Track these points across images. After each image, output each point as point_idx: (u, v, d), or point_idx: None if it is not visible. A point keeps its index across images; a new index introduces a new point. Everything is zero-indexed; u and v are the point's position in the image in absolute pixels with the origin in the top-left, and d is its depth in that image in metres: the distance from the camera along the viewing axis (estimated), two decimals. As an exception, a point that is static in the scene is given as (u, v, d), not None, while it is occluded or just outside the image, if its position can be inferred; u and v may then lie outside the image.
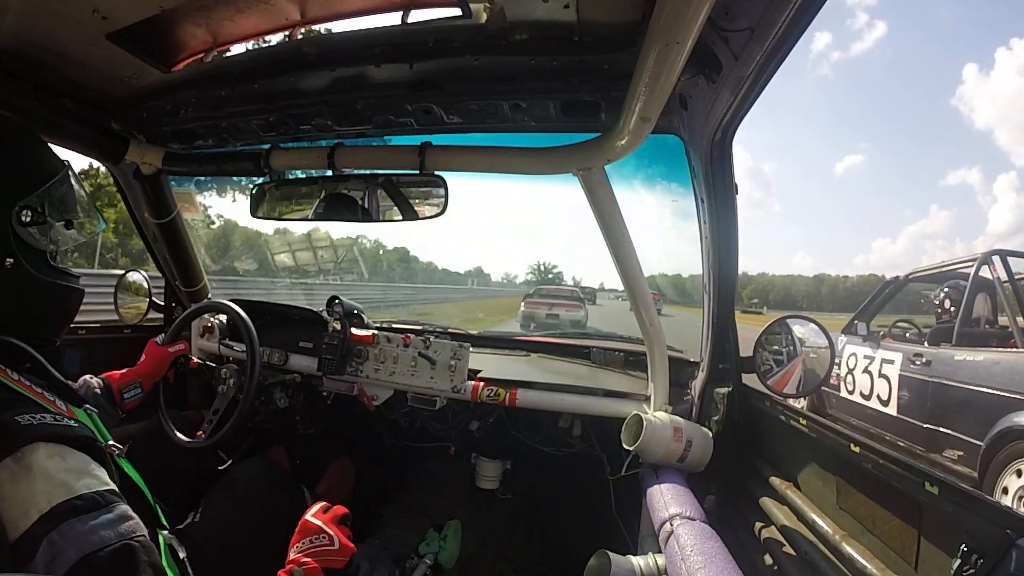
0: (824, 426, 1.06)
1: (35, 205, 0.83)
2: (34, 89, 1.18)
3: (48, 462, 0.64)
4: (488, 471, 1.98)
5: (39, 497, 0.62)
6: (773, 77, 0.85)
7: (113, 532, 0.64)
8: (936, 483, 0.74)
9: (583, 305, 11.18)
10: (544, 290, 12.68)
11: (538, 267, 50.04)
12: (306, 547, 0.93)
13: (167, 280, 2.00)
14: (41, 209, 0.84)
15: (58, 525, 0.61)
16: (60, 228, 0.88)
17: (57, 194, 0.87)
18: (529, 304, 11.29)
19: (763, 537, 1.15)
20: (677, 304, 7.37)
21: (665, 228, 1.99)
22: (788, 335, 1.40)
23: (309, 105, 1.26)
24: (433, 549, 1.76)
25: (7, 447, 0.63)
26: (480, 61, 1.04)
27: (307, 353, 1.77)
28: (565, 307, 10.81)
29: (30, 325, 0.85)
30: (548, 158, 1.14)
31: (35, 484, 0.62)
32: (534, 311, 10.93)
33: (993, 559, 0.62)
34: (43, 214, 0.84)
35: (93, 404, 1.09)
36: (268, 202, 1.45)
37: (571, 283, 42.91)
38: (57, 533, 0.60)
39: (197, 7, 0.98)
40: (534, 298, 11.75)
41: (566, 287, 13.89)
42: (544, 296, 11.76)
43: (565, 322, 10.21)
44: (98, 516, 0.64)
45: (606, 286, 29.63)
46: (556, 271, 48.33)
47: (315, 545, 0.93)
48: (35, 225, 0.83)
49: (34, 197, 0.83)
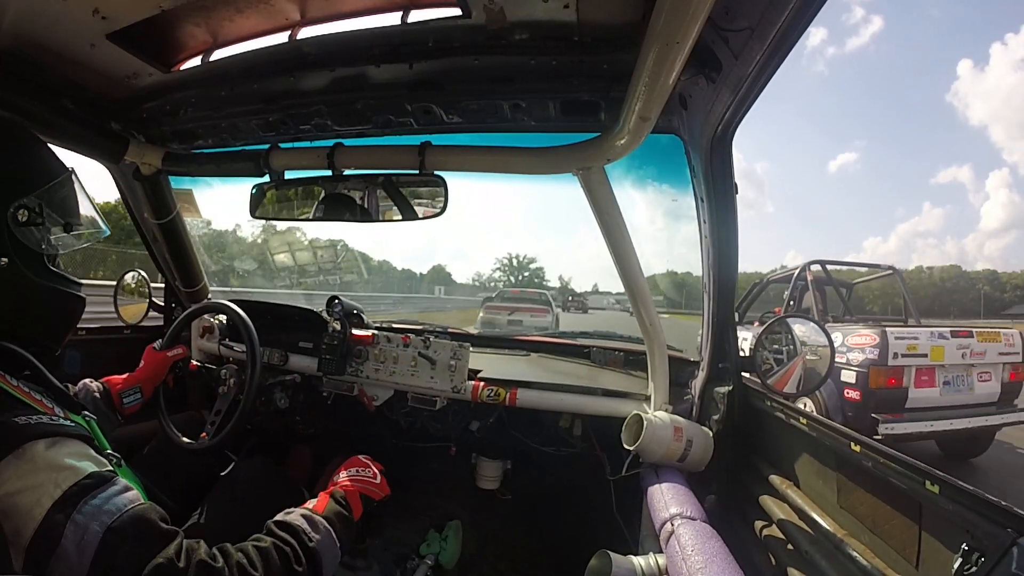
0: (824, 425, 1.06)
1: (32, 206, 0.82)
2: (34, 89, 1.18)
3: (49, 452, 0.66)
4: (488, 471, 1.98)
5: (48, 485, 0.64)
6: (773, 77, 0.85)
7: (125, 500, 0.68)
8: (937, 482, 0.74)
9: (550, 309, 10.36)
10: (508, 293, 11.76)
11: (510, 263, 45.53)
12: (353, 475, 1.09)
13: (167, 280, 2.00)
14: (38, 210, 0.83)
15: (77, 505, 0.64)
16: (58, 231, 0.88)
17: (56, 196, 0.87)
18: (489, 309, 10.35)
19: (764, 536, 1.15)
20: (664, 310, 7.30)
21: (660, 228, 1.99)
22: (788, 334, 1.40)
23: (309, 105, 1.26)
24: (434, 549, 1.76)
25: (7, 446, 0.64)
26: (480, 61, 1.04)
27: (307, 353, 1.77)
28: (530, 311, 9.98)
29: (26, 329, 0.84)
30: (548, 158, 1.14)
31: (41, 474, 0.64)
32: (494, 316, 9.99)
33: (994, 558, 0.62)
34: (40, 215, 0.83)
35: (92, 409, 1.11)
36: (267, 202, 1.45)
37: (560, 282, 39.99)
38: (79, 513, 0.63)
39: (197, 7, 0.99)
40: (495, 302, 10.82)
41: (533, 290, 12.65)
42: (507, 300, 10.88)
43: (529, 328, 9.10)
44: (107, 489, 0.68)
45: (600, 287, 28.17)
46: (534, 266, 44.38)
47: (360, 476, 1.10)
48: (31, 226, 0.82)
49: (32, 197, 0.83)
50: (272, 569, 0.76)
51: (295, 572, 0.79)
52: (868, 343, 3.86)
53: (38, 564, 0.62)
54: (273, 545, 0.79)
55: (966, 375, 4.04)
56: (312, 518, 0.90)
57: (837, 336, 4.00)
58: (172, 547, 0.68)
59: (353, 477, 1.09)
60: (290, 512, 0.91)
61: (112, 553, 0.63)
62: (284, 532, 0.84)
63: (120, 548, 0.64)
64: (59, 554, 0.62)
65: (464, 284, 35.94)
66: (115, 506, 0.66)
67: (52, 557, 0.62)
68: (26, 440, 0.65)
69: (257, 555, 0.76)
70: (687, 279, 2.27)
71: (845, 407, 3.90)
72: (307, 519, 0.89)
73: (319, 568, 0.84)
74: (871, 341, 3.85)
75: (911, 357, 3.83)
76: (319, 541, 0.86)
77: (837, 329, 4.16)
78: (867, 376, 3.79)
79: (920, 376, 3.87)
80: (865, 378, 3.79)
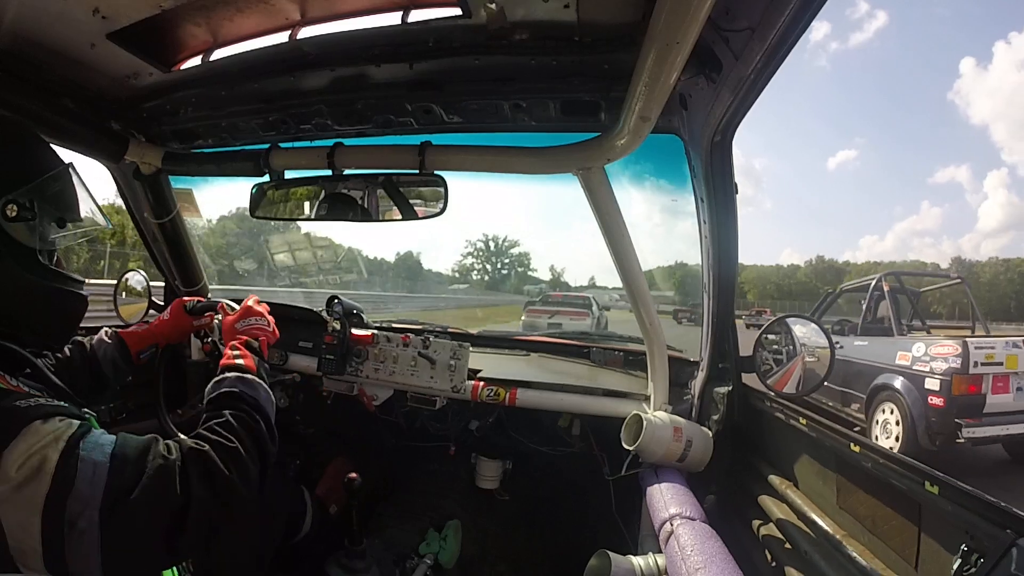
0: (824, 426, 1.06)
1: (23, 201, 0.81)
2: (34, 88, 1.18)
3: (47, 423, 0.69)
4: (488, 471, 1.98)
5: (50, 440, 0.68)
6: (773, 77, 0.85)
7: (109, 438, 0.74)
8: (936, 483, 0.74)
9: (590, 312, 10.87)
10: (550, 297, 12.41)
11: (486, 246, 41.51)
12: (251, 324, 1.16)
13: (167, 280, 2.00)
14: (30, 205, 0.82)
15: (80, 443, 0.69)
16: (52, 226, 0.86)
17: (49, 191, 0.85)
18: (530, 312, 11.07)
19: (763, 537, 1.15)
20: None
21: (660, 227, 1.99)
22: (788, 335, 1.40)
23: (309, 105, 1.26)
24: (433, 549, 1.77)
25: (12, 429, 0.66)
26: (480, 61, 1.04)
27: (307, 353, 1.77)
28: (570, 315, 10.51)
29: (24, 328, 0.83)
30: (548, 158, 1.14)
31: (46, 438, 0.68)
32: (535, 319, 10.62)
33: (993, 558, 0.62)
34: (32, 210, 0.82)
35: (105, 356, 1.20)
36: (267, 202, 1.45)
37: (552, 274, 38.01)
38: (83, 450, 0.69)
39: (197, 7, 0.99)
40: (537, 305, 11.57)
41: (575, 293, 13.28)
42: (548, 304, 11.56)
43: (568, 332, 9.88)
44: (96, 433, 0.73)
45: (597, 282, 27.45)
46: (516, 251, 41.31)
47: (258, 324, 1.17)
48: (22, 221, 0.81)
49: (23, 192, 0.81)
50: (240, 435, 0.85)
51: (255, 429, 0.89)
52: (951, 352, 4.16)
53: (55, 512, 0.65)
54: (232, 416, 0.88)
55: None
56: (244, 379, 0.98)
57: (920, 347, 4.42)
58: (160, 446, 0.76)
59: (251, 327, 1.15)
60: (224, 378, 0.97)
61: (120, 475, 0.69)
62: (232, 400, 0.93)
63: (125, 468, 0.70)
64: (73, 495, 0.66)
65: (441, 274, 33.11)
66: (107, 439, 0.73)
67: (68, 497, 0.65)
68: (29, 421, 0.68)
69: (226, 429, 0.85)
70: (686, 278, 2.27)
71: (929, 413, 4.18)
72: (241, 381, 0.97)
73: (268, 418, 0.94)
74: (953, 351, 4.15)
75: (989, 366, 4.14)
76: (260, 396, 0.96)
77: (920, 340, 4.55)
78: (950, 384, 4.08)
79: (996, 383, 4.18)
80: (948, 385, 4.08)
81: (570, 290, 19.72)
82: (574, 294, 13.06)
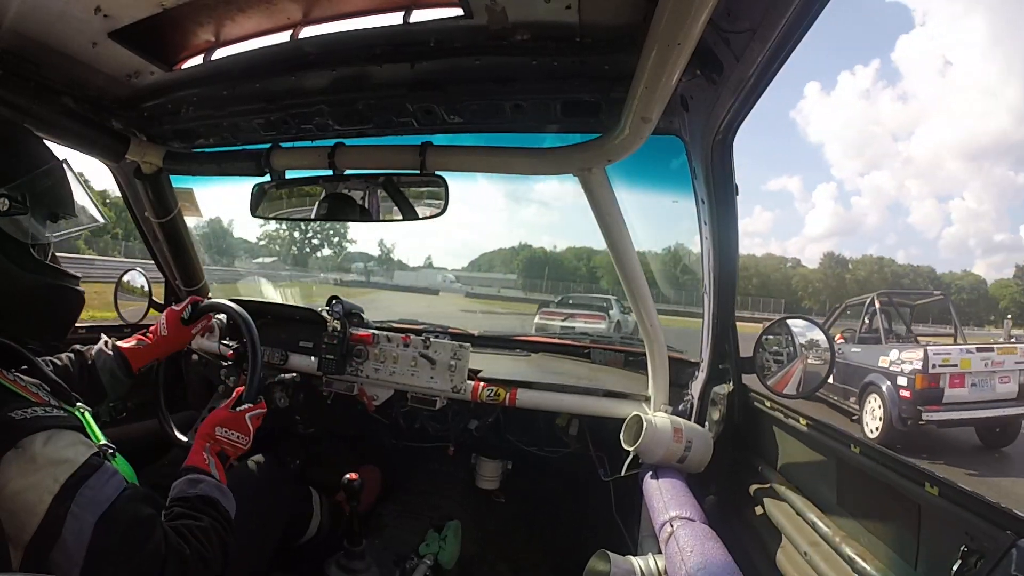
0: (824, 426, 1.06)
1: (14, 195, 0.81)
2: (35, 87, 1.18)
3: (46, 447, 0.69)
4: (488, 471, 1.98)
5: (47, 480, 0.67)
6: (775, 78, 0.85)
7: (113, 487, 0.73)
8: (936, 483, 0.74)
9: (607, 315, 10.38)
10: (569, 299, 12.11)
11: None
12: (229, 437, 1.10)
13: (167, 279, 2.00)
14: (21, 200, 0.81)
15: (74, 496, 0.68)
16: (45, 222, 0.86)
17: (41, 186, 0.85)
18: (544, 315, 10.65)
19: (763, 538, 1.15)
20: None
21: (660, 228, 1.99)
22: (788, 335, 1.40)
23: (310, 104, 1.26)
24: (433, 549, 1.76)
25: (7, 442, 0.66)
26: (481, 61, 1.04)
27: (307, 353, 1.77)
28: (584, 318, 10.07)
29: (18, 324, 0.83)
30: (549, 158, 1.14)
31: (41, 471, 0.67)
32: (547, 322, 10.19)
33: (993, 560, 0.62)
34: (23, 204, 0.81)
35: (104, 367, 1.19)
36: (268, 201, 1.45)
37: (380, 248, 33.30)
38: (76, 505, 0.68)
39: (199, 6, 0.99)
40: (551, 307, 11.27)
41: (595, 296, 12.66)
42: (563, 306, 11.30)
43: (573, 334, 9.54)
44: (99, 476, 0.72)
45: (434, 263, 25.06)
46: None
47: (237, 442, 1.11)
48: (12, 215, 0.80)
49: (14, 187, 0.81)
50: (214, 544, 0.86)
51: (226, 544, 0.90)
52: (916, 357, 5.55)
53: (39, 556, 0.65)
54: (211, 525, 0.88)
55: (988, 378, 5.59)
56: (222, 488, 0.98)
57: (895, 352, 5.83)
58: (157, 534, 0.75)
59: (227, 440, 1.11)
60: (202, 480, 0.96)
61: (103, 541, 0.69)
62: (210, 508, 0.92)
63: (111, 536, 0.69)
64: (59, 545, 0.66)
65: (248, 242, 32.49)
66: (105, 495, 0.71)
67: (53, 548, 0.65)
68: (25, 434, 0.67)
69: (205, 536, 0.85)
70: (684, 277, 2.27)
71: (900, 402, 5.59)
72: (219, 490, 0.97)
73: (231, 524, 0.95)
74: (918, 356, 5.54)
75: (947, 367, 5.47)
76: (231, 511, 0.97)
77: (896, 347, 5.98)
78: (914, 380, 5.46)
79: (953, 380, 5.48)
80: (913, 382, 5.47)
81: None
82: (595, 296, 12.50)
